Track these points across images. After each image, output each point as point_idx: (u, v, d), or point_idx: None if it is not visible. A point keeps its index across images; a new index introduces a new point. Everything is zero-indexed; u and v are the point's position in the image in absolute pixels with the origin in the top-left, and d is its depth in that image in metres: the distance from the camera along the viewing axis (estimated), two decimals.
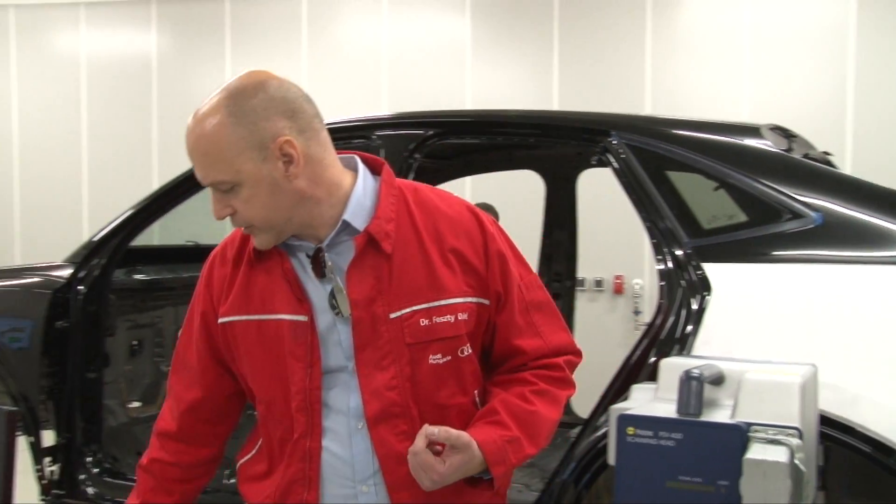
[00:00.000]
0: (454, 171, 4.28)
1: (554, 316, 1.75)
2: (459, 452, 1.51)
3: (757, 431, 1.55)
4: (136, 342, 3.95)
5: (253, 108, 1.48)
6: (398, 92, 6.85)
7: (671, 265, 2.43)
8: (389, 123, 3.13)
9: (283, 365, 1.60)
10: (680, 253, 2.42)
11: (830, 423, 2.02)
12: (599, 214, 5.21)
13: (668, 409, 1.68)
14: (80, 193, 7.58)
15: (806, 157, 2.63)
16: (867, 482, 2.28)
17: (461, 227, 1.64)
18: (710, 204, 2.52)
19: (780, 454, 1.48)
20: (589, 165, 3.84)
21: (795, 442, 1.53)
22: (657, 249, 2.48)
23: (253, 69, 1.57)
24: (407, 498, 1.58)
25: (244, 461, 1.76)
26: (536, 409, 1.62)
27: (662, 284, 2.44)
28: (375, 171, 1.68)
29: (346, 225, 1.58)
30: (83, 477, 3.33)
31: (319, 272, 1.58)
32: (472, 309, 1.61)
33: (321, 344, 1.59)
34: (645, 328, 2.46)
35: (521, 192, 5.22)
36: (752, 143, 2.61)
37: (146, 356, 4.03)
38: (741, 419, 1.61)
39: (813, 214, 2.34)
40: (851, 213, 2.34)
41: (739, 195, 2.45)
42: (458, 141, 3.27)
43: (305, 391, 1.59)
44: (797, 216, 2.36)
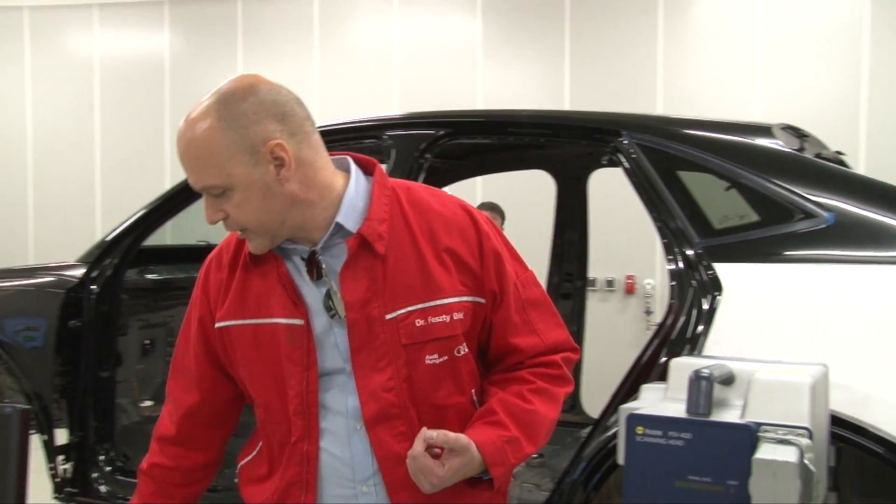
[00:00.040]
0: (465, 171, 4.28)
1: (550, 313, 1.75)
2: (458, 455, 1.50)
3: (767, 431, 1.55)
4: (148, 341, 3.97)
5: (243, 112, 1.48)
6: (409, 92, 6.86)
7: (682, 265, 2.42)
8: (400, 123, 3.13)
9: (279, 369, 1.60)
10: (691, 253, 2.41)
11: (842, 423, 2.01)
12: (612, 214, 5.20)
13: (677, 408, 1.68)
14: (92, 193, 7.62)
15: (818, 156, 2.62)
16: (880, 483, 2.27)
17: (455, 225, 1.63)
18: (721, 204, 2.52)
19: (789, 454, 1.48)
20: (600, 165, 3.84)
21: (805, 442, 1.53)
22: (668, 249, 2.48)
23: (244, 73, 1.56)
24: (407, 498, 1.58)
25: (245, 462, 1.76)
26: (535, 408, 1.62)
27: (673, 284, 2.43)
28: (368, 171, 1.67)
29: (339, 227, 1.57)
30: (96, 475, 3.35)
31: (314, 275, 1.58)
32: (467, 308, 1.60)
33: (318, 347, 1.59)
34: (656, 328, 2.45)
35: (532, 192, 5.22)
36: (763, 142, 2.60)
37: (158, 355, 4.05)
38: (751, 419, 1.60)
39: (825, 214, 2.33)
40: (864, 212, 2.33)
41: (751, 195, 2.44)
42: (468, 141, 3.28)
43: (302, 395, 1.59)
44: (809, 216, 2.35)
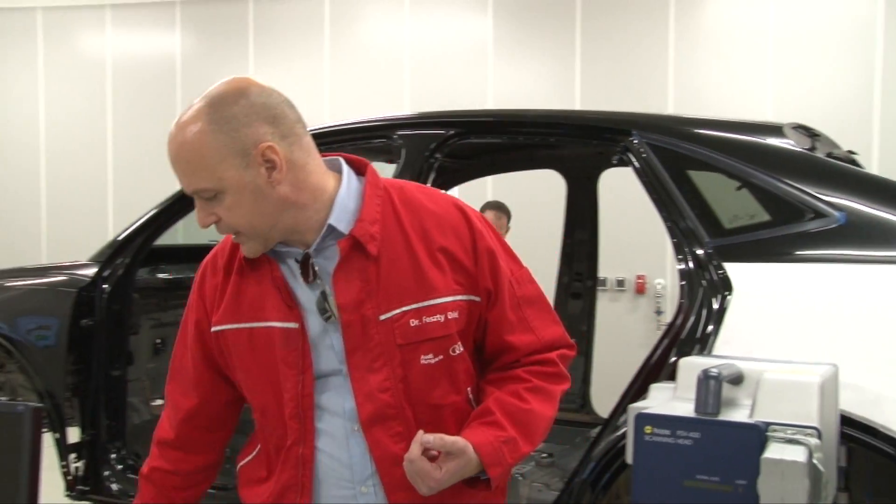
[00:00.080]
0: (475, 170, 4.28)
1: (546, 310, 1.74)
2: (455, 458, 1.50)
3: (775, 431, 1.54)
4: (159, 340, 3.98)
5: (234, 114, 1.47)
6: (420, 92, 6.87)
7: (692, 265, 2.42)
8: (410, 123, 3.14)
9: (275, 372, 1.60)
10: (701, 252, 2.41)
11: (853, 423, 2.01)
12: (623, 214, 5.20)
13: (686, 408, 1.68)
14: (105, 193, 7.66)
15: (830, 155, 2.61)
16: (891, 483, 2.26)
17: (448, 224, 1.62)
18: (731, 203, 2.51)
19: (798, 454, 1.48)
20: (610, 165, 3.83)
21: (814, 442, 1.53)
22: (678, 249, 2.47)
23: (234, 76, 1.56)
24: (404, 498, 1.57)
25: (244, 464, 1.76)
26: (531, 407, 1.61)
27: (683, 284, 2.43)
28: (360, 171, 1.67)
29: (331, 229, 1.57)
30: (107, 473, 3.37)
31: (308, 277, 1.58)
32: (462, 307, 1.60)
33: (313, 349, 1.59)
34: (665, 328, 2.45)
35: (542, 191, 5.22)
36: (774, 142, 2.59)
37: (169, 354, 4.05)
38: (759, 418, 1.60)
39: (836, 214, 2.32)
40: (875, 212, 2.32)
41: (761, 194, 2.43)
42: (478, 140, 3.28)
43: (298, 398, 1.58)
44: (820, 215, 2.34)
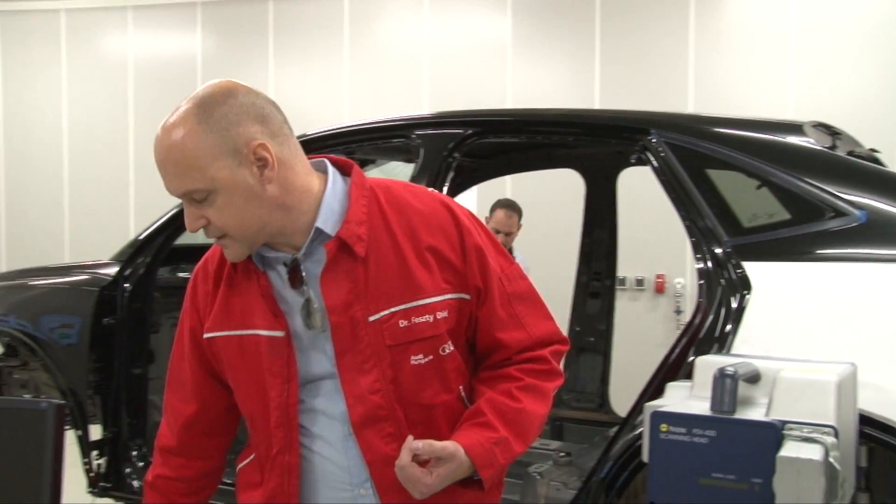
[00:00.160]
0: (493, 170, 4.28)
1: (537, 306, 1.73)
2: (446, 462, 1.50)
3: (791, 429, 1.54)
4: None
5: (224, 114, 1.47)
6: (439, 91, 6.87)
7: (710, 264, 2.41)
8: (429, 123, 3.14)
9: (261, 380, 1.59)
10: (719, 251, 2.40)
11: (872, 423, 2.00)
12: (643, 213, 5.18)
13: (702, 406, 1.68)
14: (126, 193, 7.72)
15: (851, 154, 2.60)
16: None
17: (435, 223, 1.61)
18: (750, 202, 2.50)
19: (814, 452, 1.47)
20: (629, 164, 3.82)
21: (830, 440, 1.52)
22: (696, 248, 2.47)
23: (219, 79, 1.55)
24: (398, 499, 1.57)
25: (242, 466, 1.75)
26: (523, 406, 1.60)
27: (701, 283, 2.42)
28: (346, 172, 1.65)
29: (319, 232, 1.56)
30: (129, 470, 3.40)
31: (295, 283, 1.57)
32: (451, 306, 1.59)
33: (305, 353, 1.59)
34: (684, 327, 2.45)
35: (560, 190, 5.22)
36: (794, 140, 2.58)
37: None
38: (776, 417, 1.60)
39: (856, 212, 2.31)
40: None
41: (781, 193, 2.43)
42: (497, 140, 3.28)
43: (283, 407, 1.58)
44: (840, 214, 2.33)
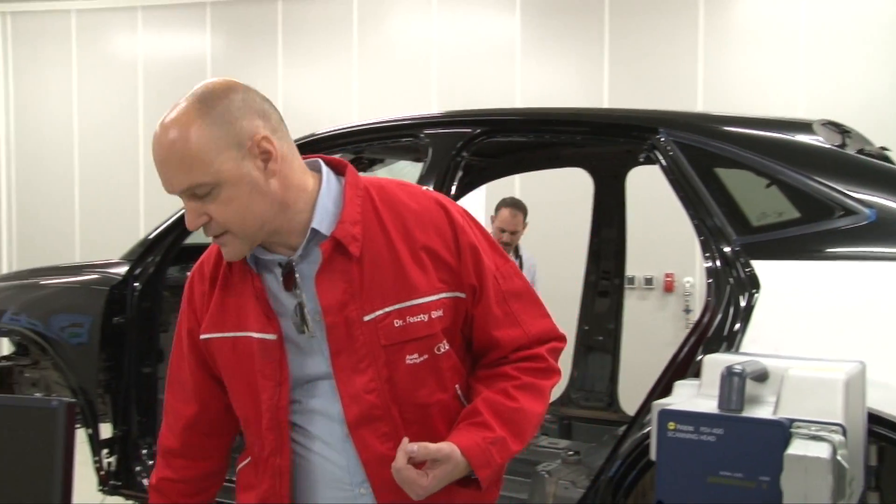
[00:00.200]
0: (502, 169, 4.29)
1: (533, 303, 1.73)
2: (442, 464, 1.49)
3: (799, 427, 1.54)
4: None
5: (226, 107, 1.46)
6: (448, 91, 6.88)
7: (719, 263, 2.41)
8: (437, 122, 3.15)
9: (254, 383, 1.60)
10: (728, 250, 2.40)
11: (882, 421, 1.99)
12: (652, 212, 5.17)
13: (709, 404, 1.68)
14: (136, 193, 7.75)
15: (861, 152, 2.59)
16: None
17: (429, 222, 1.61)
18: (759, 201, 2.50)
19: (821, 450, 1.47)
20: (637, 163, 3.82)
21: (838, 438, 1.52)
22: (705, 247, 2.47)
23: (214, 78, 1.55)
24: (394, 498, 1.57)
25: (241, 466, 1.76)
26: (520, 405, 1.60)
27: (710, 282, 2.42)
28: (340, 172, 1.64)
29: (315, 233, 1.56)
30: (139, 468, 3.41)
31: (289, 285, 1.57)
32: (446, 304, 1.59)
33: (301, 354, 1.59)
34: (692, 326, 2.45)
35: (569, 189, 5.21)
36: (803, 139, 2.58)
37: None
38: (783, 415, 1.60)
39: (866, 211, 2.31)
40: None
41: (790, 192, 2.42)
42: (505, 139, 3.28)
43: (273, 409, 1.59)
44: (850, 212, 2.33)
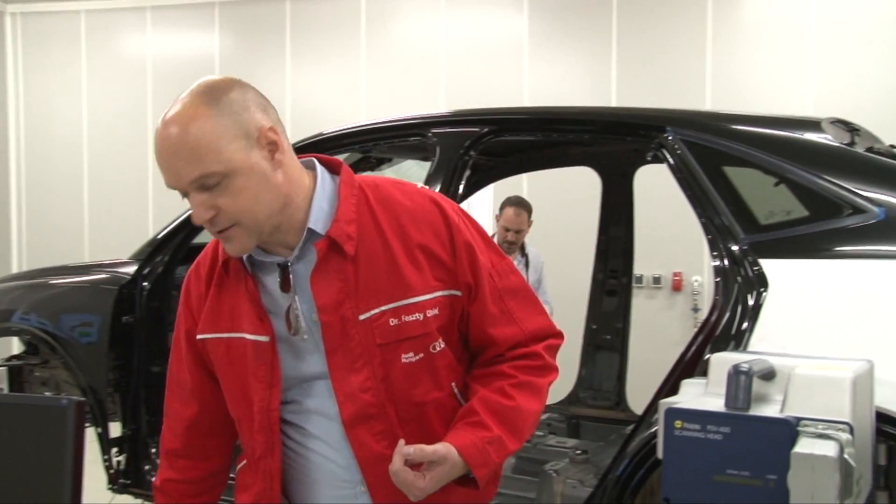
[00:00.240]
0: (509, 168, 4.28)
1: (530, 301, 1.73)
2: (439, 465, 1.49)
3: (806, 426, 1.54)
4: None
5: (231, 100, 1.46)
6: (456, 90, 6.88)
7: (727, 261, 2.41)
8: (445, 121, 3.15)
9: (246, 384, 1.60)
10: (736, 249, 2.40)
11: (891, 420, 1.98)
12: (660, 211, 5.17)
13: (716, 403, 1.68)
14: (145, 192, 7.77)
15: (870, 150, 2.58)
16: None
17: (424, 220, 1.61)
18: (767, 199, 2.49)
19: (828, 448, 1.47)
20: (645, 162, 3.82)
21: (845, 437, 1.52)
22: (713, 246, 2.47)
23: (212, 75, 1.54)
24: (389, 496, 1.57)
25: (240, 468, 1.76)
26: (517, 404, 1.60)
27: (718, 281, 2.42)
28: (334, 171, 1.64)
29: (311, 233, 1.56)
30: (148, 467, 3.42)
31: (286, 287, 1.58)
32: (442, 303, 1.59)
33: (297, 354, 1.59)
34: (700, 324, 2.44)
35: (577, 188, 5.21)
36: (811, 137, 2.57)
37: None
38: (790, 413, 1.60)
39: (875, 209, 2.30)
40: None
41: (798, 190, 2.42)
42: (513, 138, 3.28)
43: (264, 412, 1.59)
44: (858, 211, 2.32)
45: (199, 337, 1.66)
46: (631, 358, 4.34)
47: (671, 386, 2.34)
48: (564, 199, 6.10)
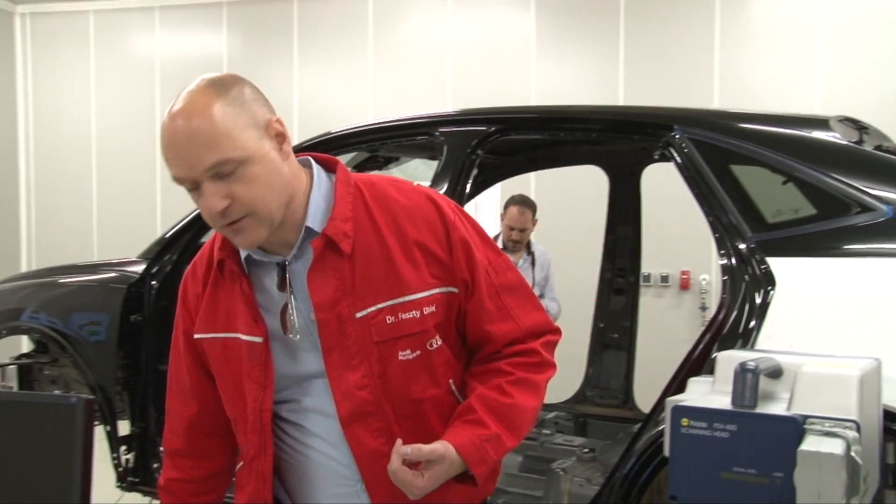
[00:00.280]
0: (517, 167, 4.29)
1: (527, 297, 1.72)
2: (437, 464, 1.50)
3: (813, 424, 1.53)
4: None
5: (239, 92, 1.47)
6: (462, 89, 6.88)
7: (734, 260, 2.41)
8: (452, 120, 3.15)
9: (241, 385, 1.61)
10: (743, 247, 2.40)
11: None
12: (667, 209, 5.16)
13: (723, 401, 1.67)
14: (154, 191, 7.80)
15: (878, 148, 2.58)
16: None
17: (421, 217, 1.61)
18: (775, 198, 2.49)
19: (835, 446, 1.47)
20: (652, 160, 3.81)
21: (852, 435, 1.51)
22: (720, 244, 2.47)
23: (212, 73, 1.54)
24: (386, 493, 1.57)
25: (239, 468, 1.76)
26: (514, 401, 1.60)
27: (725, 279, 2.42)
28: (330, 169, 1.64)
29: (309, 231, 1.56)
30: (156, 465, 3.44)
31: (282, 285, 1.58)
32: (439, 300, 1.59)
33: (294, 353, 1.60)
34: (708, 323, 2.44)
35: (584, 187, 5.21)
36: (819, 135, 2.57)
37: None
38: (797, 411, 1.59)
39: (883, 207, 2.30)
40: None
41: (806, 188, 2.41)
42: (520, 137, 3.28)
43: (258, 412, 1.59)
44: (867, 209, 2.32)
45: (196, 336, 1.67)
46: (638, 356, 4.34)
47: (678, 384, 2.34)
48: (571, 197, 6.09)
